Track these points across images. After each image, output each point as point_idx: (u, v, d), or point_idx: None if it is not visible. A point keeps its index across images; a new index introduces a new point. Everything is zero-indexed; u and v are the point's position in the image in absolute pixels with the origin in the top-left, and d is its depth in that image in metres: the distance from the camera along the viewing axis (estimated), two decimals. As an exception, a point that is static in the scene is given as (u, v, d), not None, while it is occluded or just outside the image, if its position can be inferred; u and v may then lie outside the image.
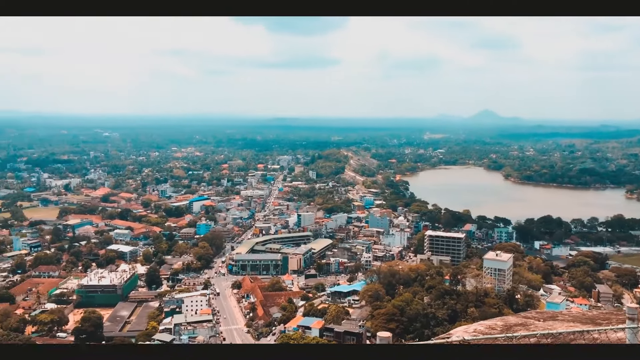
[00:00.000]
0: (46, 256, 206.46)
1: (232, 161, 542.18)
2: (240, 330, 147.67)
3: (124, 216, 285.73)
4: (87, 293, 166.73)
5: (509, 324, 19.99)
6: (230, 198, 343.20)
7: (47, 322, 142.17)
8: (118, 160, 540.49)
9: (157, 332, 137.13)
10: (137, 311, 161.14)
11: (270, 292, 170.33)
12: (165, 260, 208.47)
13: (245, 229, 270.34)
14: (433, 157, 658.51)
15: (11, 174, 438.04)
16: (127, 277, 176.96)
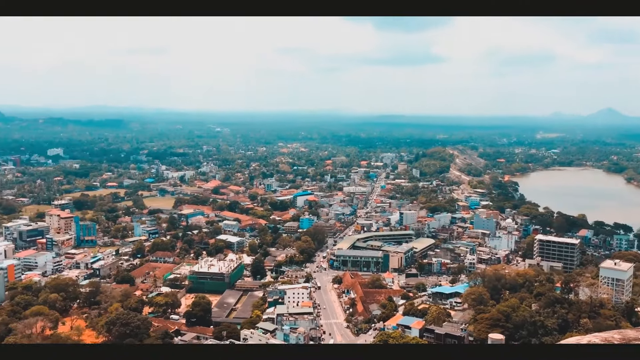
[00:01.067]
0: (162, 243, 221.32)
1: (335, 157, 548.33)
2: (339, 324, 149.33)
3: (233, 208, 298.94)
4: (197, 279, 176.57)
5: (627, 338, 18.59)
6: (333, 194, 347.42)
7: (162, 304, 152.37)
8: (228, 155, 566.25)
9: (261, 320, 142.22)
10: (243, 299, 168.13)
11: (370, 288, 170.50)
12: (270, 252, 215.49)
13: (347, 225, 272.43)
14: (546, 157, 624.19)
15: (134, 165, 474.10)
16: (234, 267, 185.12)
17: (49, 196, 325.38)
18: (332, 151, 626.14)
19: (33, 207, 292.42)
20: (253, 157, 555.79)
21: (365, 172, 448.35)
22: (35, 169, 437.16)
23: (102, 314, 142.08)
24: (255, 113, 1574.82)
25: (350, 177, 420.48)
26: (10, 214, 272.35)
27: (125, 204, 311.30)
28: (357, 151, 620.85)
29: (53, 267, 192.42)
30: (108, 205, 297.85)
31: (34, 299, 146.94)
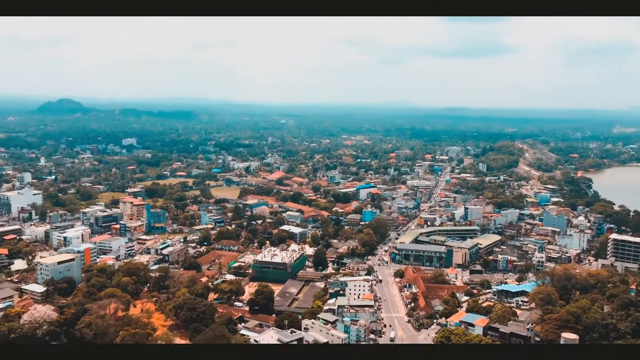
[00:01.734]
0: (228, 231, 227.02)
1: (399, 150, 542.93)
2: (400, 318, 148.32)
3: (296, 199, 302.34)
4: (261, 268, 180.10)
5: None
6: (396, 187, 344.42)
7: (227, 291, 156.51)
8: (292, 146, 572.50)
9: (322, 311, 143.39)
10: (305, 290, 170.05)
11: (433, 284, 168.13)
12: (332, 243, 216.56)
13: (410, 218, 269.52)
14: (623, 153, 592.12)
15: (202, 155, 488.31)
16: (297, 257, 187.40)
17: (123, 184, 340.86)
18: (396, 144, 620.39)
19: (108, 194, 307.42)
20: (317, 149, 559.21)
21: (430, 166, 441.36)
22: (111, 158, 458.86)
23: (170, 298, 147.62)
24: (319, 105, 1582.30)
25: (414, 171, 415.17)
26: (88, 200, 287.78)
27: (194, 193, 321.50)
28: (421, 144, 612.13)
29: (126, 251, 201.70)
30: (177, 194, 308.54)
31: (107, 282, 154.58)
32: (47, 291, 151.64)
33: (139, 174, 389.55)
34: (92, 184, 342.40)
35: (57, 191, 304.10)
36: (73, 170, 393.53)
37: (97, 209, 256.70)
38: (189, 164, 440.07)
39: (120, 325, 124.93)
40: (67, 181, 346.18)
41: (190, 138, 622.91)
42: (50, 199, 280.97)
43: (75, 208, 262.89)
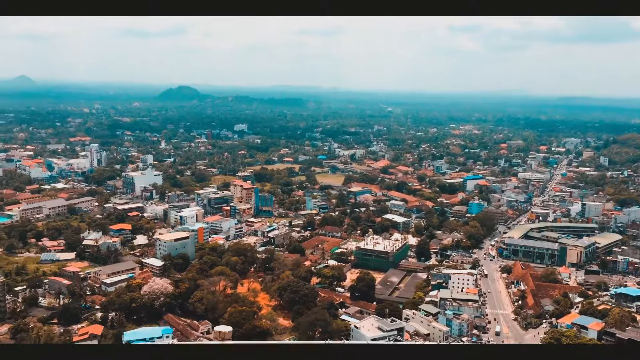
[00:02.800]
0: (331, 218, 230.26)
1: (511, 141, 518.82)
2: (507, 316, 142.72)
3: (400, 188, 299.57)
4: (363, 255, 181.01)
5: None
6: (506, 179, 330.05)
7: (329, 276, 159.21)
8: (398, 135, 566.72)
9: (424, 302, 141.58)
10: (406, 280, 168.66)
11: (543, 282, 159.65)
12: (436, 234, 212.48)
13: (520, 213, 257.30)
14: None
15: (308, 142, 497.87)
16: (399, 246, 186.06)
17: (234, 168, 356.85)
18: (508, 134, 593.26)
19: (220, 177, 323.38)
20: (423, 137, 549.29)
21: (544, 158, 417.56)
22: (224, 143, 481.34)
23: (275, 279, 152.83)
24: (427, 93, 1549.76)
25: (527, 163, 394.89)
26: (202, 182, 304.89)
27: (299, 178, 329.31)
28: (535, 135, 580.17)
29: (235, 232, 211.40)
30: (284, 179, 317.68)
31: (218, 260, 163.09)
32: (164, 266, 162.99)
33: (248, 158, 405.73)
34: (206, 167, 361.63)
35: (175, 173, 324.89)
36: (189, 153, 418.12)
37: (210, 190, 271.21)
38: (296, 150, 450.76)
39: (229, 302, 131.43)
40: (184, 163, 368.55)
41: (298, 125, 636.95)
42: (169, 179, 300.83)
43: (191, 189, 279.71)
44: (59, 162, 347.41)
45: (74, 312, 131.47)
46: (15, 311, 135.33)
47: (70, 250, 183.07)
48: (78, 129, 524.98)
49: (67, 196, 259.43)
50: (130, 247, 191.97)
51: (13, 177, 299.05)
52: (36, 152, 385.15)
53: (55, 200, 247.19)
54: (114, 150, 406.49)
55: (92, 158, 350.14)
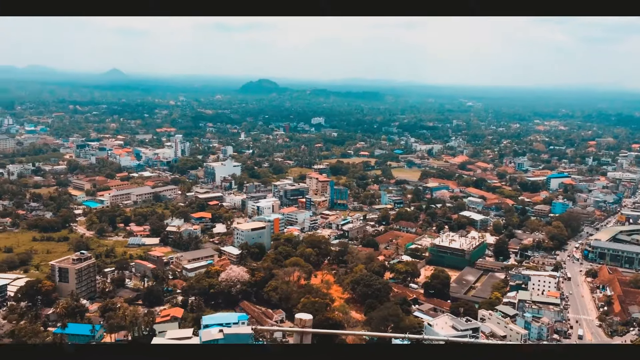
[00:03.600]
0: (406, 213, 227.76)
1: (600, 138, 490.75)
2: (590, 322, 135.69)
3: (479, 185, 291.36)
4: (438, 252, 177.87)
5: None
6: (593, 178, 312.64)
7: (403, 271, 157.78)
8: (478, 130, 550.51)
9: (501, 303, 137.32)
10: (483, 279, 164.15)
11: (632, 288, 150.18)
12: (515, 234, 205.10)
13: (609, 214, 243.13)
14: None
15: (385, 136, 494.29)
16: (476, 245, 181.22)
17: (310, 160, 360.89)
18: (597, 131, 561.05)
19: (297, 170, 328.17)
20: (505, 133, 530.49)
21: (637, 157, 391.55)
22: (301, 135, 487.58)
23: (348, 272, 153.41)
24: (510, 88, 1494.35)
25: (617, 162, 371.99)
26: (279, 174, 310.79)
27: (375, 172, 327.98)
28: (628, 132, 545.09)
29: (310, 224, 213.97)
30: (359, 173, 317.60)
31: (292, 251, 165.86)
32: (241, 254, 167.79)
33: (325, 151, 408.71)
34: (283, 159, 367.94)
35: (253, 164, 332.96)
36: (267, 145, 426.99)
37: (287, 182, 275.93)
38: (372, 144, 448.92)
39: (302, 293, 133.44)
40: (262, 155, 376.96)
41: (375, 118, 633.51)
42: (247, 170, 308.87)
43: (268, 180, 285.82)
44: (146, 151, 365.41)
45: (157, 295, 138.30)
46: (104, 291, 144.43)
47: (154, 235, 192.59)
48: (164, 120, 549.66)
49: (153, 184, 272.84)
50: (210, 235, 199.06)
51: (105, 165, 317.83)
52: (126, 142, 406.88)
53: (142, 188, 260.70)
54: (196, 141, 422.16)
55: (177, 148, 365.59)
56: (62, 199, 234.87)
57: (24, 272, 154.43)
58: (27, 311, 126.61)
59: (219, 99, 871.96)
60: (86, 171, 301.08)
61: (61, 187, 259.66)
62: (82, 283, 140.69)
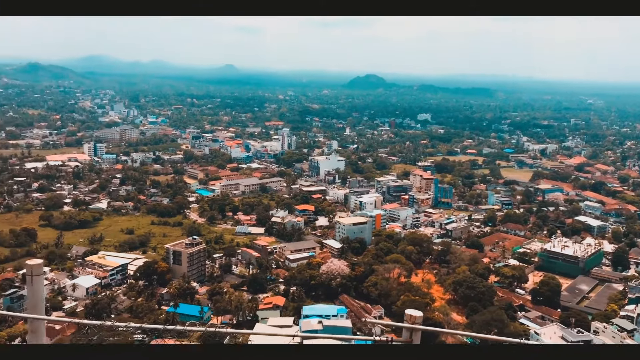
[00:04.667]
0: (515, 215, 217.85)
1: None
2: None
3: (597, 189, 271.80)
4: (548, 258, 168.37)
5: None
6: None
7: (509, 276, 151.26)
8: (599, 130, 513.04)
9: (617, 316, 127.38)
10: (598, 289, 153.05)
11: None
12: (637, 242, 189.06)
13: None
14: None
15: (494, 134, 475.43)
16: (592, 252, 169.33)
17: (414, 157, 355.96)
18: None
19: (400, 166, 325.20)
20: (629, 134, 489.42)
21: None
22: (406, 132, 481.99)
23: (450, 273, 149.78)
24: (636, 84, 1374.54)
25: None
26: (382, 169, 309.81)
27: (482, 171, 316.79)
28: None
29: (412, 222, 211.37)
30: (466, 171, 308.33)
31: (393, 247, 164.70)
32: (342, 248, 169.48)
33: (430, 148, 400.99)
34: (388, 155, 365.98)
35: (357, 159, 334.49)
36: (372, 141, 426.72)
37: (390, 178, 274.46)
38: (481, 142, 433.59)
39: (402, 290, 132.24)
40: (366, 150, 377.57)
41: (484, 116, 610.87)
42: (351, 165, 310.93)
43: (371, 176, 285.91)
44: (255, 144, 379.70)
45: (261, 282, 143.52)
46: (213, 275, 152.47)
47: (260, 225, 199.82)
48: (273, 114, 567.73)
49: (260, 175, 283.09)
50: (312, 228, 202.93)
51: (217, 156, 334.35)
52: (237, 134, 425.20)
53: (250, 179, 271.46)
54: (303, 135, 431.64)
55: (284, 142, 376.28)
56: (178, 186, 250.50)
57: (142, 253, 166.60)
58: (144, 289, 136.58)
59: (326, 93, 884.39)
60: (200, 161, 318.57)
61: (177, 176, 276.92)
62: (193, 266, 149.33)
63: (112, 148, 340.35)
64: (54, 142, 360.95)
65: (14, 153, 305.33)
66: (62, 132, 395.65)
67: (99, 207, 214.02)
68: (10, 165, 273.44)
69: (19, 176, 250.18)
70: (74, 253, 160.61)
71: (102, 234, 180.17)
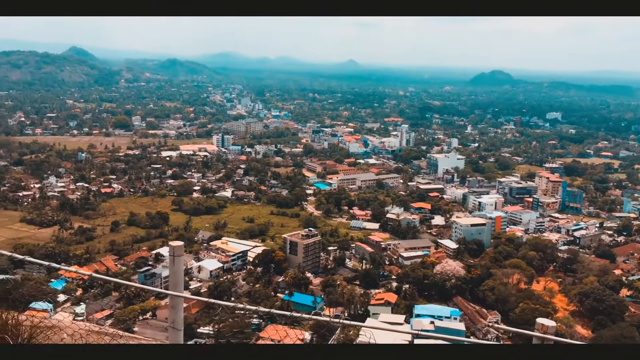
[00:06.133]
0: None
1: None
2: None
3: None
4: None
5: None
6: None
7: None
8: None
9: None
10: None
11: None
12: None
13: None
14: None
15: (634, 136, 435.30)
16: None
17: (541, 158, 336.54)
18: None
19: (525, 167, 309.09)
20: None
21: None
22: (533, 131, 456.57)
23: (576, 283, 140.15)
24: None
25: None
26: (505, 170, 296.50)
27: (618, 176, 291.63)
28: None
29: (535, 226, 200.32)
30: (599, 175, 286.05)
31: (514, 252, 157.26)
32: (458, 249, 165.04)
33: (559, 149, 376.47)
34: (511, 155, 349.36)
35: (478, 158, 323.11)
36: (495, 139, 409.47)
37: (513, 179, 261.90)
38: (617, 144, 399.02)
39: (521, 297, 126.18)
40: (488, 149, 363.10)
41: (623, 116, 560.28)
42: (471, 164, 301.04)
43: (492, 176, 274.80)
44: (373, 139, 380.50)
45: (374, 278, 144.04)
46: (327, 267, 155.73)
47: (375, 220, 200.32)
48: (392, 110, 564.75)
49: (377, 171, 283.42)
50: (428, 226, 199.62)
51: (335, 150, 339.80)
52: (356, 130, 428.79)
53: (366, 174, 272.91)
54: (421, 132, 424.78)
55: (402, 138, 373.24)
56: (297, 179, 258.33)
57: (262, 241, 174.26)
58: (261, 276, 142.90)
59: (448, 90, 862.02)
60: (319, 155, 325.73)
61: (297, 168, 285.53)
62: (308, 257, 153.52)
63: (238, 140, 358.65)
64: (187, 132, 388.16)
65: (152, 142, 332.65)
66: (195, 123, 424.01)
67: (223, 195, 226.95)
68: (149, 153, 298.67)
69: (156, 163, 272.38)
70: (200, 237, 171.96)
71: (225, 221, 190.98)
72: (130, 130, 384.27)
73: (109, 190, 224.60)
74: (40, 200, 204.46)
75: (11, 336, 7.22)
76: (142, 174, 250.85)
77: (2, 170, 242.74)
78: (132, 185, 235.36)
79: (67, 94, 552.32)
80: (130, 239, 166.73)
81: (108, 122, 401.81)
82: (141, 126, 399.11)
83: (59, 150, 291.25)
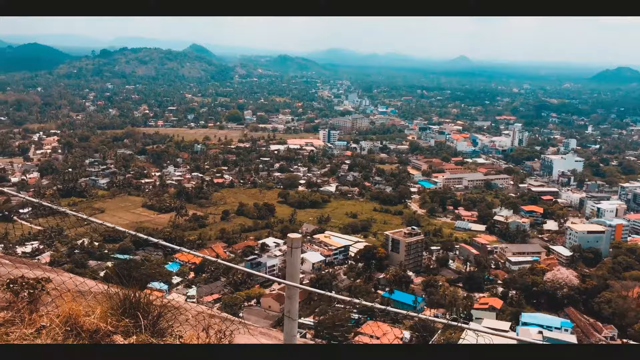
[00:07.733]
0: None
1: None
2: None
3: None
4: None
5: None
6: None
7: None
8: None
9: None
10: None
11: None
12: None
13: None
14: None
15: None
16: None
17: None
18: None
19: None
20: None
21: None
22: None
23: None
24: None
25: None
26: (629, 174, 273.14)
27: None
28: None
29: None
30: None
31: (635, 263, 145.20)
32: (572, 256, 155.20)
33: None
34: (637, 158, 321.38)
35: (599, 161, 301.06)
36: (619, 141, 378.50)
37: (638, 185, 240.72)
38: None
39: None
40: (610, 152, 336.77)
41: None
42: (590, 167, 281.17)
43: (614, 181, 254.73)
44: (482, 138, 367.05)
45: (478, 281, 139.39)
46: (429, 267, 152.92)
47: (481, 222, 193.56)
48: (505, 108, 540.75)
49: (486, 171, 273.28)
50: (539, 231, 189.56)
51: (442, 148, 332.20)
52: (464, 128, 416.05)
53: (474, 174, 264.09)
54: (536, 132, 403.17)
55: (514, 137, 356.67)
56: (401, 176, 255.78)
57: (363, 237, 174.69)
58: (362, 272, 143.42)
59: (568, 87, 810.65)
60: (425, 152, 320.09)
61: (401, 166, 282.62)
62: (410, 256, 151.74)
63: (344, 135, 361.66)
64: (295, 127, 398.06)
65: (262, 135, 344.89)
66: (302, 118, 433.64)
67: (328, 190, 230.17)
68: (258, 147, 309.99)
69: (265, 156, 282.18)
70: (304, 230, 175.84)
71: (329, 215, 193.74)
72: (242, 123, 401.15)
73: (221, 181, 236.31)
74: (159, 188, 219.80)
75: (142, 313, 7.77)
76: (251, 166, 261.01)
77: (127, 159, 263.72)
78: (242, 177, 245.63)
79: (187, 88, 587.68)
80: (239, 228, 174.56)
81: (222, 116, 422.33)
82: (252, 120, 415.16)
83: (177, 141, 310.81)
